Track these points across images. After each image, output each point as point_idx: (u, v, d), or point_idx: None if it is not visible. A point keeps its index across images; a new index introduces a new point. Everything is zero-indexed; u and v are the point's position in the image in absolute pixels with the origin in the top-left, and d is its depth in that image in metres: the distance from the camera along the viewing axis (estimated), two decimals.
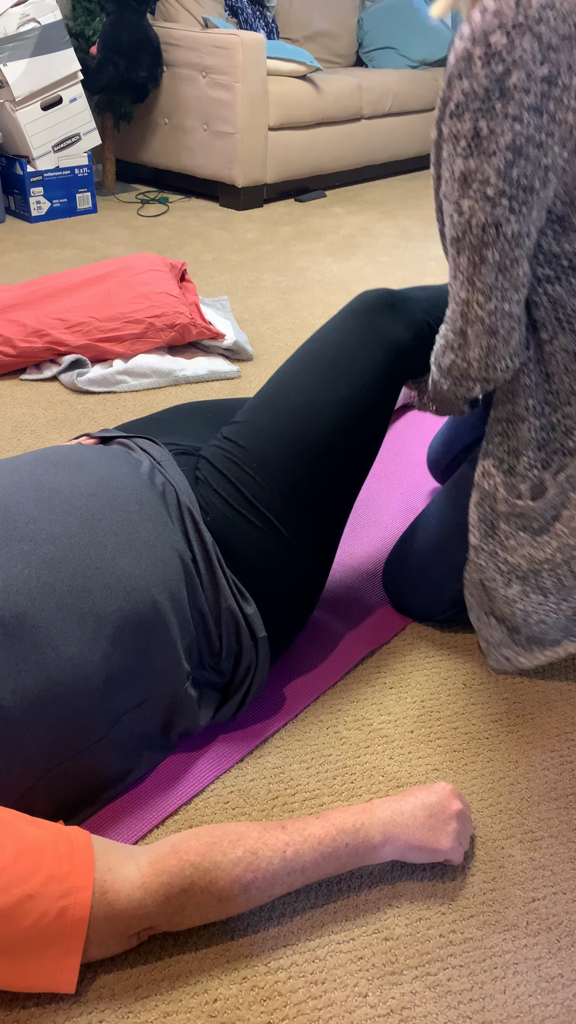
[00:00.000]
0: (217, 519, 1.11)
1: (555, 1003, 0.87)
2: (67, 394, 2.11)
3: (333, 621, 1.37)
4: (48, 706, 0.91)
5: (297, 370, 1.17)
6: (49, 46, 3.36)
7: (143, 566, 1.00)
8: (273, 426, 1.13)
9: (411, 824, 0.94)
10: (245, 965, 0.89)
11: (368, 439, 1.18)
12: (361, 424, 1.16)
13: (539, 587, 1.15)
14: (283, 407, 1.14)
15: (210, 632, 1.07)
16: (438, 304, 1.26)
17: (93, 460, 1.09)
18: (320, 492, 1.14)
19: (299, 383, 1.16)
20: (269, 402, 1.16)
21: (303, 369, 1.17)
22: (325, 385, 1.15)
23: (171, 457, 1.16)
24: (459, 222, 0.96)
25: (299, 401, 1.14)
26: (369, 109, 4.23)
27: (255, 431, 1.14)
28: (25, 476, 1.04)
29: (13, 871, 0.76)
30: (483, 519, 1.17)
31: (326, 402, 1.14)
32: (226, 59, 3.61)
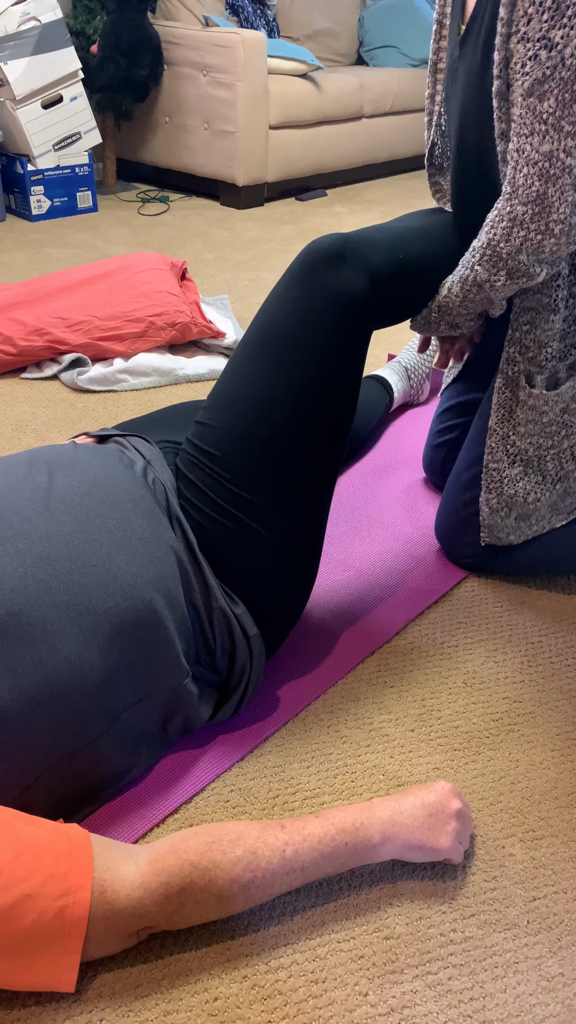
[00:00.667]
0: (194, 527, 1.10)
1: (556, 1002, 0.87)
2: (67, 393, 2.11)
3: (334, 620, 1.37)
4: (45, 704, 0.91)
5: (248, 357, 1.10)
6: (50, 45, 3.36)
7: (139, 563, 1.00)
8: (230, 425, 1.09)
9: (411, 823, 0.94)
10: (245, 964, 0.89)
11: (337, 412, 1.10)
12: (325, 400, 1.09)
13: (540, 470, 1.29)
14: (237, 402, 1.09)
15: (205, 630, 1.07)
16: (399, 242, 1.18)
17: (87, 459, 1.09)
18: (291, 483, 1.10)
19: (250, 372, 1.09)
20: (224, 397, 1.11)
21: (253, 355, 1.10)
22: (277, 369, 1.07)
23: (161, 456, 1.15)
24: (548, 58, 0.93)
25: (252, 393, 1.08)
26: (370, 108, 4.23)
27: (215, 432, 1.10)
28: (20, 476, 1.04)
29: (12, 870, 0.76)
30: (502, 404, 1.27)
31: (282, 388, 1.07)
32: (227, 58, 3.60)
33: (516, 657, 1.31)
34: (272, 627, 1.15)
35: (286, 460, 1.09)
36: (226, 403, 1.09)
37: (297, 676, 1.26)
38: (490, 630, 1.37)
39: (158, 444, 1.21)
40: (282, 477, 1.09)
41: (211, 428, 1.11)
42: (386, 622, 1.37)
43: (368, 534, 1.59)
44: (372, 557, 1.52)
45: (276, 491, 1.09)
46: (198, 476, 1.10)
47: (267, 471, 1.08)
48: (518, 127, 1.03)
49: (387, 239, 1.16)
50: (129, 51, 3.58)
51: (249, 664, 1.11)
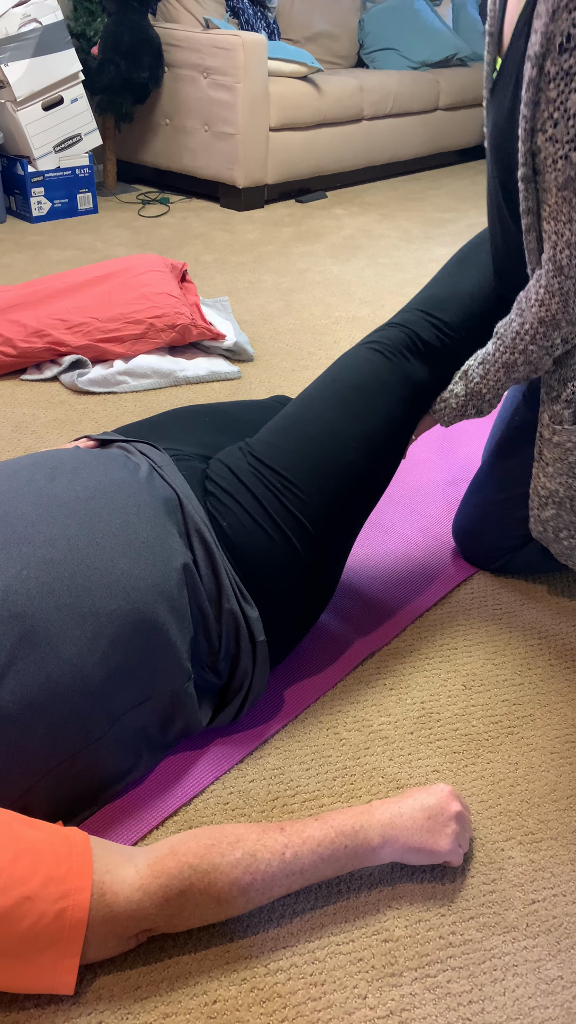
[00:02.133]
0: (234, 526, 1.12)
1: (555, 1005, 0.87)
2: (67, 394, 2.11)
3: (334, 622, 1.37)
4: (46, 706, 0.91)
5: (325, 398, 1.22)
6: (50, 46, 3.36)
7: (142, 566, 1.00)
8: (299, 451, 1.18)
9: (410, 826, 0.94)
10: (244, 966, 0.89)
11: (384, 471, 1.23)
12: (380, 457, 1.21)
13: (571, 509, 1.30)
14: (310, 434, 1.19)
15: (210, 631, 1.07)
16: (462, 316, 1.30)
17: (90, 465, 1.09)
18: (335, 516, 1.17)
19: (326, 412, 1.21)
20: (297, 426, 1.20)
21: (331, 398, 1.22)
22: (351, 418, 1.20)
23: (172, 462, 1.17)
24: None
25: (325, 430, 1.19)
26: (370, 110, 4.23)
27: (283, 452, 1.18)
28: (23, 481, 1.04)
29: (11, 873, 0.76)
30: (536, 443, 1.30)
31: (351, 434, 1.19)
32: (227, 60, 3.61)
33: (515, 660, 1.32)
34: (279, 638, 1.16)
35: (342, 496, 1.18)
36: (300, 433, 1.19)
37: (296, 678, 1.26)
38: (489, 633, 1.37)
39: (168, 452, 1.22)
40: (334, 509, 1.17)
41: (282, 450, 1.19)
42: (385, 624, 1.37)
43: (367, 537, 1.59)
44: (371, 560, 1.52)
45: (325, 519, 1.16)
46: (257, 487, 1.15)
47: (324, 502, 1.16)
48: (554, 211, 1.05)
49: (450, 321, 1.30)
50: (130, 53, 3.58)
51: (251, 670, 1.11)
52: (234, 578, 1.10)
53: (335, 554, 1.19)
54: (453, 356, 1.29)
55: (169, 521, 1.08)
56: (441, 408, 1.28)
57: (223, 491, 1.15)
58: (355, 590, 1.44)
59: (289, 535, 1.14)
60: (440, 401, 1.28)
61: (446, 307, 1.31)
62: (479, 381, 1.24)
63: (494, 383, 1.23)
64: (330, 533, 1.17)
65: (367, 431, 1.20)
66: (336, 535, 1.18)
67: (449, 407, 1.28)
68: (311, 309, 2.71)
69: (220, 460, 1.20)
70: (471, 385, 1.25)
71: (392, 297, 2.83)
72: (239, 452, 1.20)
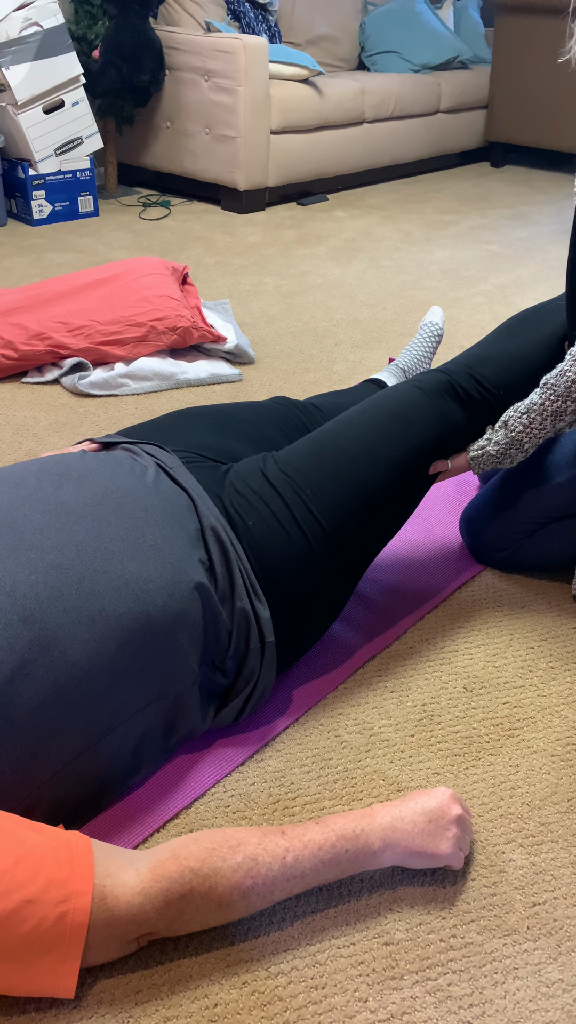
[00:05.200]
0: (259, 525, 1.14)
1: (556, 1008, 0.87)
2: (68, 397, 2.11)
3: (335, 625, 1.37)
4: (53, 709, 0.91)
5: (364, 422, 1.28)
6: (51, 50, 3.36)
7: (151, 569, 1.01)
8: (334, 464, 1.22)
9: (411, 829, 0.94)
10: (245, 970, 0.89)
11: (408, 499, 1.28)
12: (407, 485, 1.26)
13: None
14: (346, 452, 1.24)
15: (220, 629, 1.07)
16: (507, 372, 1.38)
17: (97, 469, 1.10)
18: (358, 531, 1.20)
19: (364, 433, 1.26)
20: (334, 443, 1.25)
21: (369, 423, 1.28)
22: (387, 443, 1.26)
23: (181, 463, 1.18)
24: None
25: (361, 449, 1.24)
26: (371, 113, 4.24)
27: (319, 462, 1.22)
28: (30, 488, 1.04)
29: (13, 876, 0.76)
30: None
31: (383, 457, 1.24)
32: (228, 63, 3.61)
33: (516, 662, 1.32)
34: (289, 641, 1.16)
35: (367, 514, 1.21)
36: (336, 450, 1.24)
37: (297, 681, 1.26)
38: (490, 635, 1.37)
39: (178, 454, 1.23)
40: (358, 524, 1.20)
41: (318, 460, 1.23)
42: (386, 626, 1.37)
43: None
44: (375, 561, 1.52)
45: (348, 532, 1.19)
46: (287, 492, 1.18)
47: (350, 515, 1.19)
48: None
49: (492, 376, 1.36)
50: (131, 56, 3.58)
51: (258, 671, 1.11)
52: (249, 577, 1.11)
53: (352, 567, 1.21)
54: (489, 409, 1.36)
55: (179, 522, 1.08)
56: (478, 455, 1.34)
57: (253, 492, 1.18)
58: (356, 592, 1.44)
59: (311, 540, 1.16)
60: (477, 448, 1.34)
61: (489, 364, 1.38)
62: (522, 430, 1.30)
63: (538, 430, 1.30)
64: (350, 546, 1.20)
65: (399, 457, 1.25)
66: (355, 549, 1.21)
67: (487, 454, 1.33)
68: (312, 311, 2.71)
69: (251, 465, 1.23)
70: (512, 434, 1.31)
71: (393, 299, 2.84)
72: (272, 460, 1.23)
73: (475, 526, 1.52)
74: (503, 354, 1.40)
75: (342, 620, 1.38)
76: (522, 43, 4.50)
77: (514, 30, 4.49)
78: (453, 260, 3.29)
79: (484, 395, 1.35)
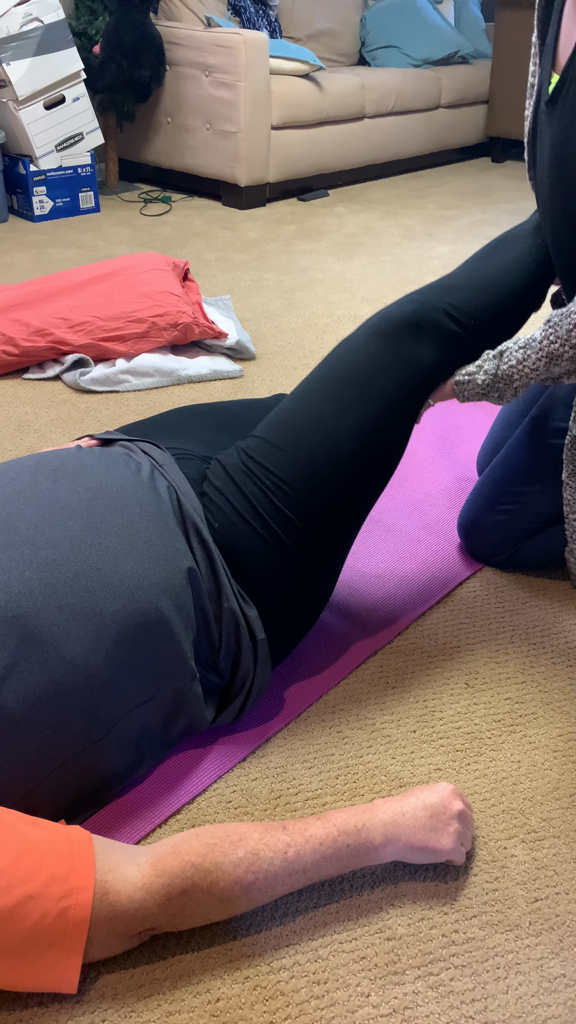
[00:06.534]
0: (225, 526, 1.11)
1: (558, 1003, 0.87)
2: (70, 393, 2.11)
3: (336, 621, 1.37)
4: (50, 706, 0.91)
5: (318, 392, 1.18)
6: (52, 45, 3.36)
7: (145, 566, 1.01)
8: (291, 448, 1.14)
9: (412, 825, 0.94)
10: (248, 965, 0.89)
11: (385, 461, 1.19)
12: (378, 448, 1.17)
13: None
14: (302, 430, 1.15)
15: (211, 630, 1.07)
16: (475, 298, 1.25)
17: (92, 465, 1.09)
18: (332, 514, 1.15)
19: (319, 406, 1.17)
20: (289, 423, 1.17)
21: (323, 391, 1.18)
22: (344, 410, 1.16)
23: (173, 460, 1.17)
24: None
25: (317, 425, 1.15)
26: (372, 108, 4.23)
27: (274, 450, 1.15)
28: (25, 483, 1.04)
29: (14, 872, 0.76)
30: (570, 460, 1.31)
31: (345, 428, 1.15)
32: (229, 58, 3.60)
33: (518, 658, 1.31)
34: (280, 636, 1.15)
35: (336, 494, 1.15)
36: (292, 429, 1.16)
37: (299, 677, 1.26)
38: (492, 631, 1.37)
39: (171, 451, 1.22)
40: (328, 508, 1.14)
41: (274, 447, 1.16)
42: (388, 623, 1.37)
43: (370, 534, 1.59)
44: (374, 558, 1.52)
45: (319, 519, 1.14)
46: (247, 486, 1.13)
47: (317, 499, 1.13)
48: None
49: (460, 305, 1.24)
50: (131, 52, 3.58)
51: (253, 669, 1.11)
52: (230, 577, 1.10)
53: (332, 551, 1.18)
54: (461, 342, 1.24)
55: (172, 520, 1.08)
56: (465, 382, 1.23)
57: (216, 491, 1.14)
58: (357, 588, 1.44)
59: (280, 534, 1.12)
60: (465, 374, 1.23)
61: (457, 293, 1.26)
62: (515, 364, 1.20)
63: (530, 371, 1.19)
64: (326, 531, 1.15)
65: (363, 422, 1.16)
66: (333, 532, 1.16)
67: (474, 383, 1.23)
68: (313, 307, 2.71)
69: (218, 459, 1.19)
70: (504, 367, 1.20)
71: (394, 294, 2.83)
72: (235, 451, 1.19)
73: (471, 531, 1.51)
74: (471, 281, 1.28)
75: (343, 616, 1.38)
76: (523, 38, 4.49)
77: (515, 25, 4.48)
78: (454, 255, 3.28)
79: (454, 326, 1.23)
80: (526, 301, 1.32)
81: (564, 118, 1.12)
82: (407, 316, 1.21)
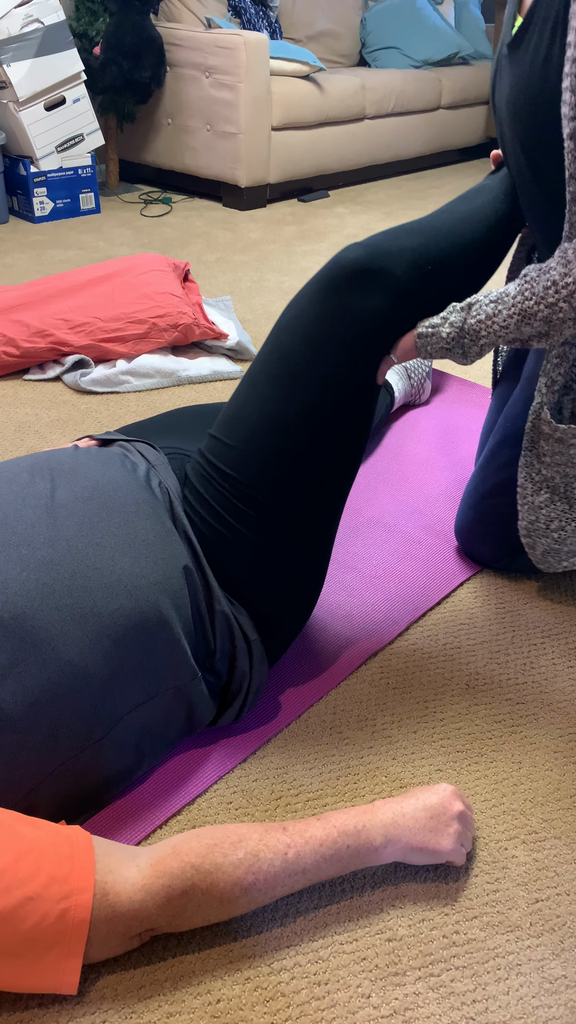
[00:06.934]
0: (197, 532, 1.11)
1: (559, 1004, 0.87)
2: (70, 394, 2.11)
3: (336, 622, 1.37)
4: (48, 707, 0.91)
5: (260, 375, 1.10)
6: (52, 47, 3.36)
7: (143, 565, 1.00)
8: (242, 445, 1.08)
9: (412, 826, 0.94)
10: (248, 966, 0.89)
11: (348, 436, 1.10)
12: (336, 425, 1.09)
13: (566, 497, 1.29)
14: (249, 423, 1.08)
15: (206, 631, 1.07)
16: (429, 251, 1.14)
17: (88, 464, 1.09)
18: (300, 505, 1.10)
19: (263, 391, 1.08)
20: (237, 416, 1.10)
21: (266, 374, 1.09)
22: (290, 392, 1.06)
23: (166, 461, 1.16)
24: None
25: (264, 414, 1.07)
26: (372, 109, 4.23)
27: (229, 450, 1.10)
28: (22, 483, 1.04)
29: (14, 873, 0.76)
30: (528, 432, 1.28)
31: (294, 412, 1.06)
32: (229, 59, 3.61)
33: (519, 659, 1.31)
34: (273, 635, 1.15)
35: (298, 483, 1.09)
36: (241, 421, 1.08)
37: (299, 677, 1.26)
38: (493, 631, 1.37)
39: (164, 450, 1.21)
40: (293, 500, 1.09)
41: (225, 445, 1.10)
42: (389, 623, 1.37)
43: (370, 535, 1.59)
44: (374, 558, 1.52)
45: (286, 512, 1.10)
46: (208, 490, 1.11)
47: (278, 494, 1.08)
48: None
49: (416, 247, 1.13)
50: (132, 53, 3.58)
51: (249, 670, 1.11)
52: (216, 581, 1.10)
53: (311, 542, 1.13)
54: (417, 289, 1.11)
55: (167, 519, 1.08)
56: (428, 335, 1.12)
57: (185, 499, 1.13)
58: (358, 589, 1.44)
59: (249, 536, 1.09)
60: (429, 326, 1.12)
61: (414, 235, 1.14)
62: (484, 320, 1.10)
63: (499, 328, 1.10)
64: (298, 523, 1.10)
65: (312, 402, 1.06)
66: (306, 523, 1.11)
67: (438, 336, 1.12)
68: None
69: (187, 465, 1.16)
70: (472, 320, 1.11)
71: None
72: (198, 452, 1.15)
73: (466, 539, 1.51)
74: (430, 226, 1.18)
75: (344, 617, 1.38)
76: None
77: None
78: None
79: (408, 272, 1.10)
80: (491, 249, 1.22)
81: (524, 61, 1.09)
82: (355, 262, 1.08)
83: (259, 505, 1.09)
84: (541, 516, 1.32)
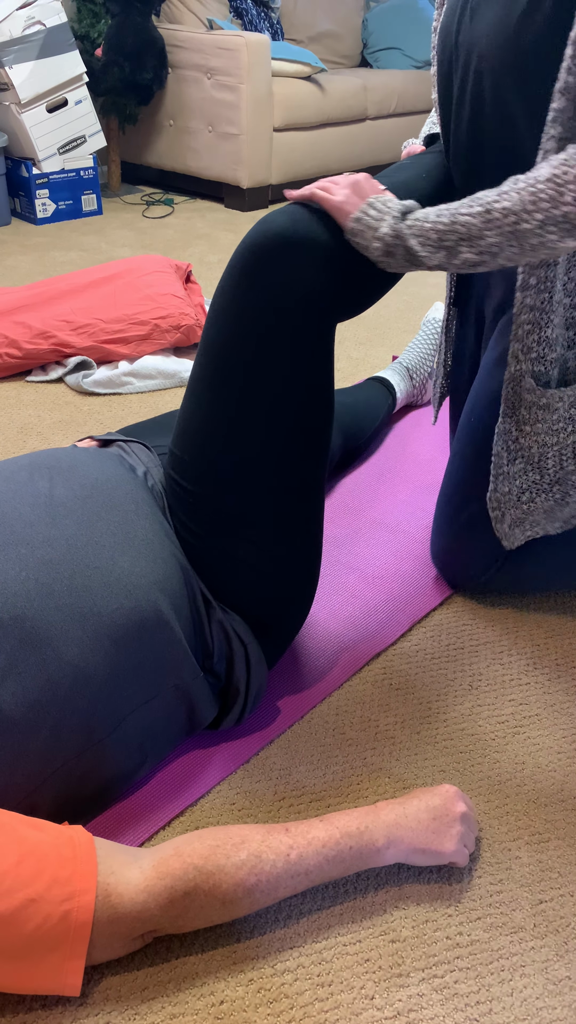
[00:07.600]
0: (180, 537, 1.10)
1: (562, 1006, 0.86)
2: (73, 396, 2.11)
3: (339, 623, 1.37)
4: (49, 707, 0.91)
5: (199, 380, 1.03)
6: (54, 48, 3.36)
7: (143, 564, 1.00)
8: (190, 456, 1.06)
9: (415, 827, 0.94)
10: (251, 967, 0.89)
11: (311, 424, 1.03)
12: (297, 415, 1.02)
13: (539, 467, 1.26)
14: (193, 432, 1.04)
15: (204, 632, 1.07)
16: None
17: (86, 463, 1.09)
18: (273, 509, 1.07)
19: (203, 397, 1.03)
20: (182, 427, 1.07)
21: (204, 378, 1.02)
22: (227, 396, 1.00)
23: (159, 463, 1.17)
24: None
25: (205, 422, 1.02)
26: (374, 110, 4.23)
27: (179, 461, 1.07)
28: (21, 482, 1.04)
29: (16, 875, 0.76)
30: (506, 400, 1.25)
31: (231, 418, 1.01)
32: (231, 60, 3.61)
33: (522, 660, 1.31)
34: (268, 638, 1.15)
35: (259, 485, 1.05)
36: (189, 433, 1.04)
37: (302, 679, 1.25)
38: (495, 632, 1.37)
39: (157, 449, 1.21)
40: (259, 503, 1.06)
41: (178, 459, 1.08)
42: (391, 624, 1.37)
43: (372, 536, 1.59)
44: (376, 559, 1.52)
45: (255, 516, 1.07)
46: (175, 503, 1.10)
47: (242, 499, 1.06)
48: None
49: None
50: (133, 54, 3.58)
51: (246, 672, 1.10)
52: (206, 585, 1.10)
53: (290, 542, 1.10)
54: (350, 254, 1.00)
55: (164, 518, 1.08)
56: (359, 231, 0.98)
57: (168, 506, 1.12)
58: (359, 590, 1.44)
59: (221, 542, 1.07)
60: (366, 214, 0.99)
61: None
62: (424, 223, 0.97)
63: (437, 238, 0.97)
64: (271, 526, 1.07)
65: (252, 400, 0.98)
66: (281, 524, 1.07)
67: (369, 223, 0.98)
68: None
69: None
70: (410, 219, 0.98)
71: (396, 296, 2.83)
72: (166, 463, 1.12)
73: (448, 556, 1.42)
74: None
75: (346, 618, 1.37)
76: None
77: None
78: None
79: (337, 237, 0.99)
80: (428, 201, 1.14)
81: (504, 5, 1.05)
82: (278, 230, 0.97)
83: (225, 514, 1.06)
84: (514, 487, 1.29)
